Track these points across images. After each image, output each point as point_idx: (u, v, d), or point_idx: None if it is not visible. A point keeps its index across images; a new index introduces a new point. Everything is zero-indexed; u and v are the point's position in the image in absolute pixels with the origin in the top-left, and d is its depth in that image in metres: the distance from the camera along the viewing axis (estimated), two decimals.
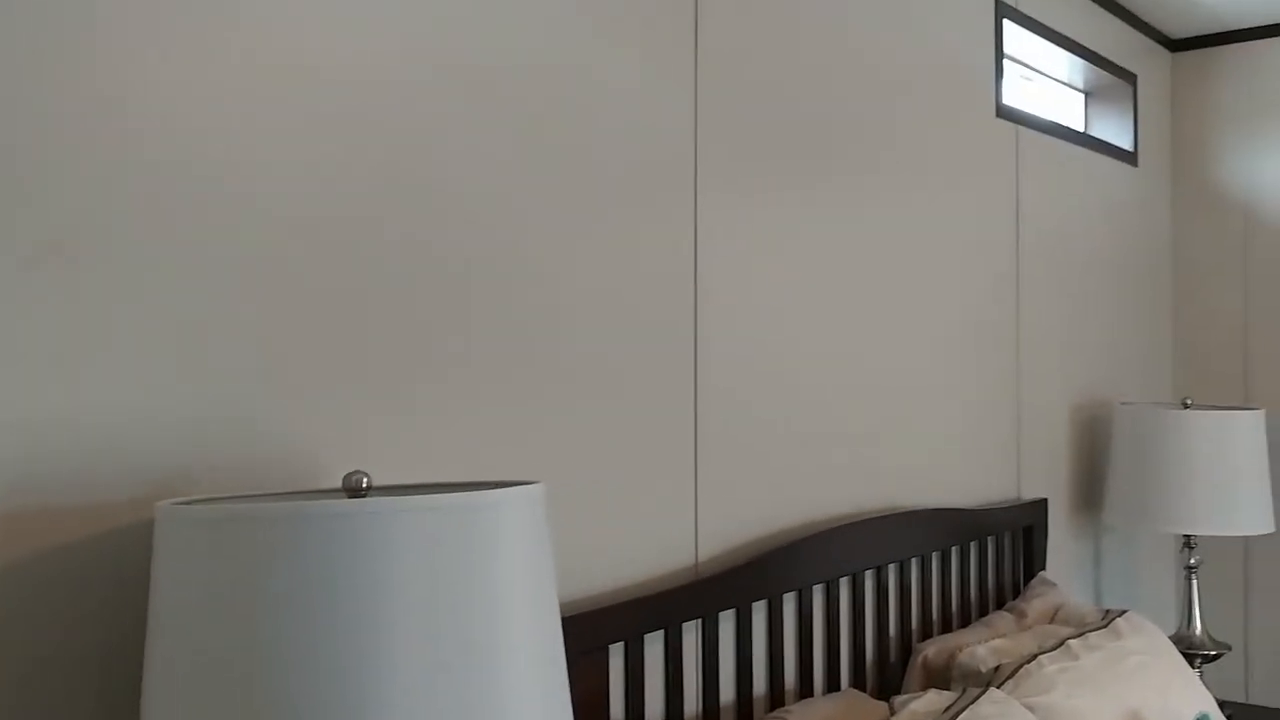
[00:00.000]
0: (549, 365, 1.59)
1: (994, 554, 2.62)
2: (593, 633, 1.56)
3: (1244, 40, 3.60)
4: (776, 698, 1.93)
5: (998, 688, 1.99)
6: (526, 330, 1.55)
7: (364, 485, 1.05)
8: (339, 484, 1.25)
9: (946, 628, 2.41)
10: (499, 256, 1.52)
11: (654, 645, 1.70)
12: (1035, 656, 2.09)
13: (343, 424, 1.33)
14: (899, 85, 2.36)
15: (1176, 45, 3.72)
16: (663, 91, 1.78)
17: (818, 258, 2.11)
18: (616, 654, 1.63)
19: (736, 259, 1.92)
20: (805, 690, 2.00)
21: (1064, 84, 3.39)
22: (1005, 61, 2.78)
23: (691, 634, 1.78)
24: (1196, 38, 3.67)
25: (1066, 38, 3.07)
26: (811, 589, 2.01)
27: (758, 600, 1.88)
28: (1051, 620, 2.48)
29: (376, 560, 0.94)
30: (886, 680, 2.22)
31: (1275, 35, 3.54)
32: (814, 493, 2.10)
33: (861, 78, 2.24)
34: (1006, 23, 2.78)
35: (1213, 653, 3.01)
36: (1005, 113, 2.75)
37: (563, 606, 1.56)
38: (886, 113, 2.31)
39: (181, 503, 1.04)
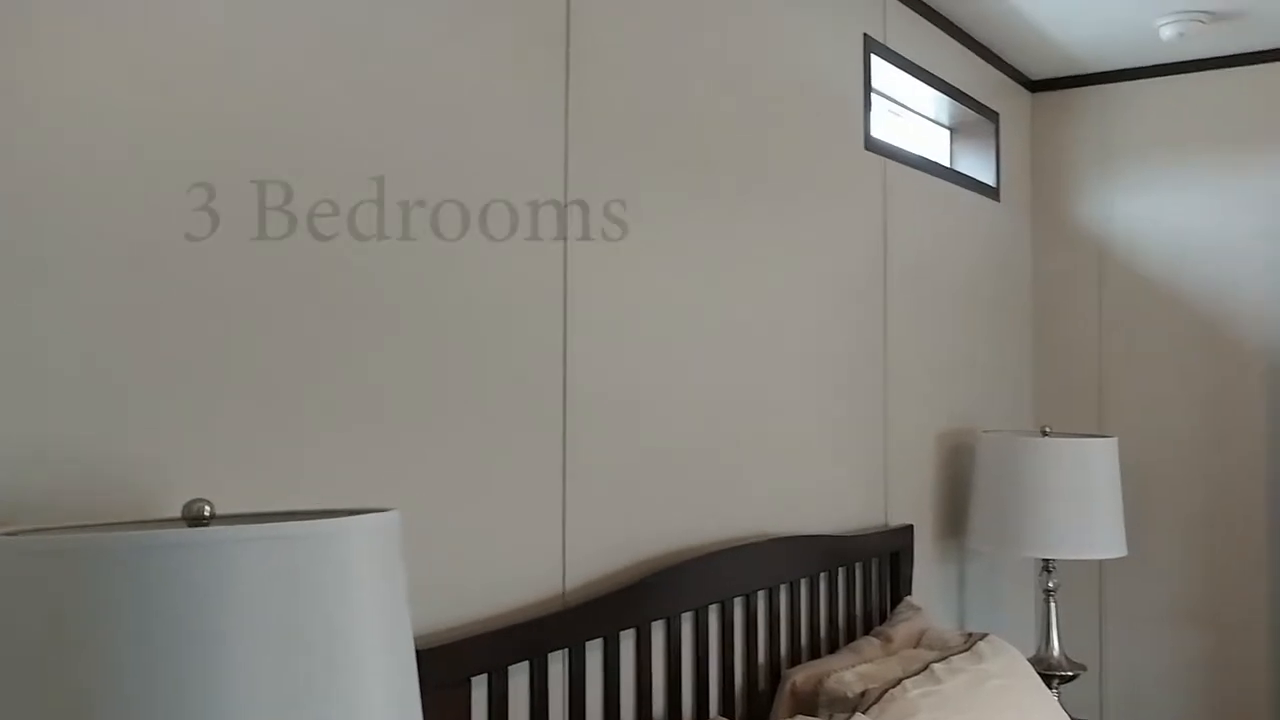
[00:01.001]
0: (409, 387, 1.55)
1: (861, 579, 2.65)
2: (455, 665, 1.52)
3: (1099, 83, 3.76)
4: None
5: (864, 713, 2.01)
6: (385, 351, 1.51)
7: (206, 514, 1.00)
8: (179, 513, 1.20)
9: (815, 654, 2.43)
10: (356, 276, 1.47)
11: (519, 676, 1.67)
12: (900, 681, 2.12)
13: (187, 449, 1.27)
14: (771, 116, 2.38)
15: (1036, 86, 3.87)
16: (533, 117, 1.76)
17: (689, 284, 2.12)
18: (480, 686, 1.59)
19: (607, 283, 1.91)
20: (674, 719, 1.98)
21: (930, 120, 3.49)
22: (874, 96, 2.84)
23: (558, 664, 1.75)
24: (1055, 79, 3.83)
25: (933, 75, 3.15)
26: (680, 617, 2.00)
27: (626, 629, 1.86)
28: (917, 644, 2.52)
29: (218, 593, 0.89)
30: (755, 708, 2.22)
31: (1127, 79, 3.71)
32: (683, 520, 2.09)
33: (733, 108, 2.26)
34: (875, 58, 2.84)
35: (1069, 673, 3.10)
36: (874, 145, 2.81)
37: (424, 638, 1.52)
38: (758, 143, 2.34)
39: (7, 533, 0.97)
